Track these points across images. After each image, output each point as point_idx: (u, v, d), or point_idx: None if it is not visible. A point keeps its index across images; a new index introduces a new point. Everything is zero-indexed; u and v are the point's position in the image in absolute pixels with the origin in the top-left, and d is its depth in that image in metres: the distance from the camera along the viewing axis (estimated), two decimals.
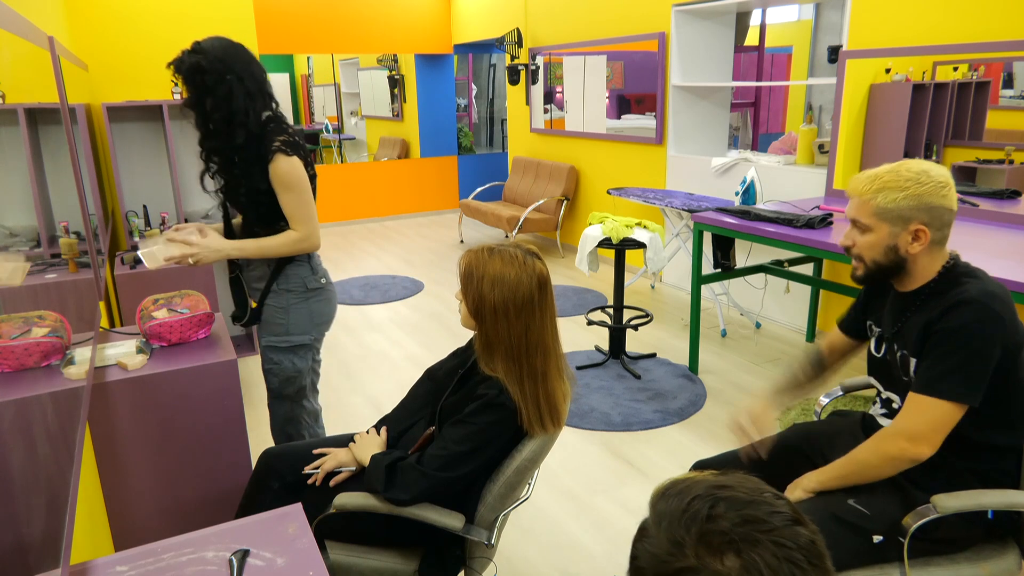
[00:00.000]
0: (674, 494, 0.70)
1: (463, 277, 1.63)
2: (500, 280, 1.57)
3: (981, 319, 1.42)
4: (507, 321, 1.58)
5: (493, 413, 1.59)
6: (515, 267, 1.58)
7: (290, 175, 2.10)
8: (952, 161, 3.58)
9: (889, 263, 1.54)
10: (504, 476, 1.62)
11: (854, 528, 1.52)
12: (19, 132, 1.54)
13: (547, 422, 1.63)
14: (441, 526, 1.59)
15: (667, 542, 0.66)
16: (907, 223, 1.48)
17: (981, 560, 1.53)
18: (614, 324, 3.92)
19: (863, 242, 1.55)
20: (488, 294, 1.58)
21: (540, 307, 1.60)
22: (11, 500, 0.97)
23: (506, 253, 1.61)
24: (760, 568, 0.62)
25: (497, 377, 1.61)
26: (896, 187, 1.48)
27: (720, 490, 0.68)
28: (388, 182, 8.44)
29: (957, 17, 3.35)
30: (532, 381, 1.60)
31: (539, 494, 2.77)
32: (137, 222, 4.22)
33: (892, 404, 1.66)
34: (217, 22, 4.58)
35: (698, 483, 0.70)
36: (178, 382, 2.07)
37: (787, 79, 7.12)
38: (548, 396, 1.63)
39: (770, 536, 0.64)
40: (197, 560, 1.27)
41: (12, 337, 1.23)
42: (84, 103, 3.53)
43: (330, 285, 2.33)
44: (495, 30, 7.36)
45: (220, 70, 2.02)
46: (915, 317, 1.55)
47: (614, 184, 5.96)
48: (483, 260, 1.60)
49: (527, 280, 1.58)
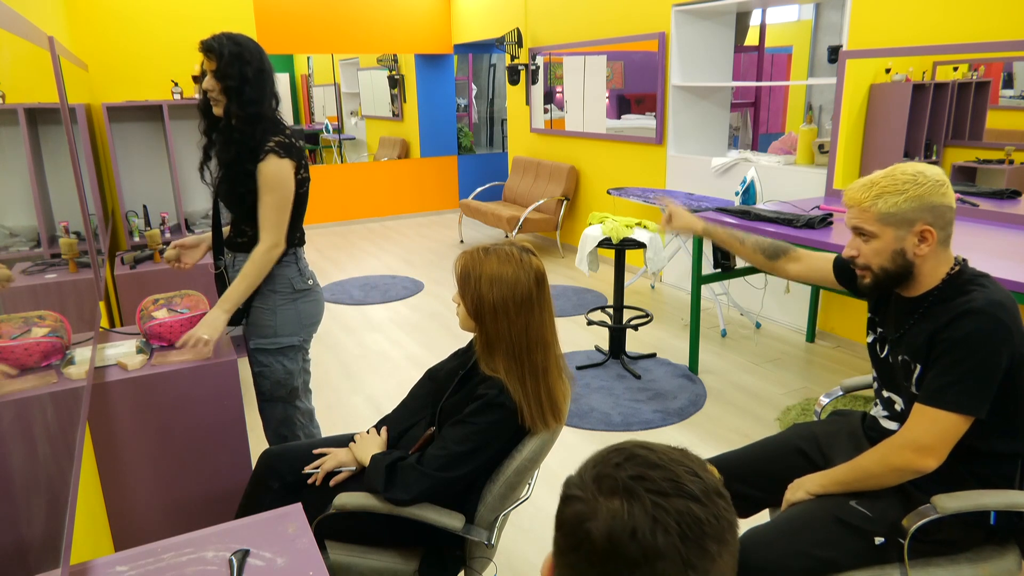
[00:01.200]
0: (611, 448, 0.76)
1: (460, 279, 1.63)
2: (498, 279, 1.57)
3: (988, 330, 1.41)
4: (507, 319, 1.58)
5: (493, 413, 1.59)
6: (512, 265, 1.58)
7: (276, 177, 2.10)
8: (952, 161, 3.58)
9: (897, 268, 1.52)
10: (504, 476, 1.62)
11: (856, 530, 1.52)
12: (19, 132, 1.53)
13: (549, 418, 1.63)
14: (441, 526, 1.59)
15: (576, 475, 0.74)
16: (912, 225, 1.47)
17: (981, 561, 1.53)
18: (614, 324, 3.92)
19: (869, 250, 1.53)
20: (487, 293, 1.58)
21: (539, 303, 1.61)
22: (11, 500, 0.97)
23: (502, 252, 1.61)
24: (627, 518, 0.67)
25: (498, 377, 1.61)
26: (895, 190, 1.47)
27: (642, 451, 0.74)
28: (388, 182, 8.44)
29: (957, 17, 3.35)
30: (534, 378, 1.60)
31: (539, 494, 2.77)
32: (137, 222, 4.22)
33: (894, 405, 1.66)
34: (217, 22, 4.57)
35: (636, 444, 0.76)
36: (178, 382, 2.07)
37: (787, 79, 7.12)
38: (549, 392, 1.63)
39: (653, 497, 0.68)
40: (197, 560, 1.27)
41: (12, 337, 1.23)
42: (84, 103, 3.53)
43: (317, 287, 2.33)
44: (495, 30, 7.36)
45: (260, 65, 2.09)
46: (920, 324, 1.53)
47: (614, 184, 5.96)
48: (479, 260, 1.60)
49: (525, 277, 1.58)
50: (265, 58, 2.13)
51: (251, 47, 2.10)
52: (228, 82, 2.05)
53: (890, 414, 1.67)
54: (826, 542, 1.50)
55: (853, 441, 1.73)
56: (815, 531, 1.51)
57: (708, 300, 4.78)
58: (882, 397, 1.70)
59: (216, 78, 2.06)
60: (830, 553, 1.50)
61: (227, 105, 2.08)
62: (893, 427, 1.64)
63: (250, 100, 2.07)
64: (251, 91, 2.07)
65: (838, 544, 1.51)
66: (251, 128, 2.08)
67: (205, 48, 2.06)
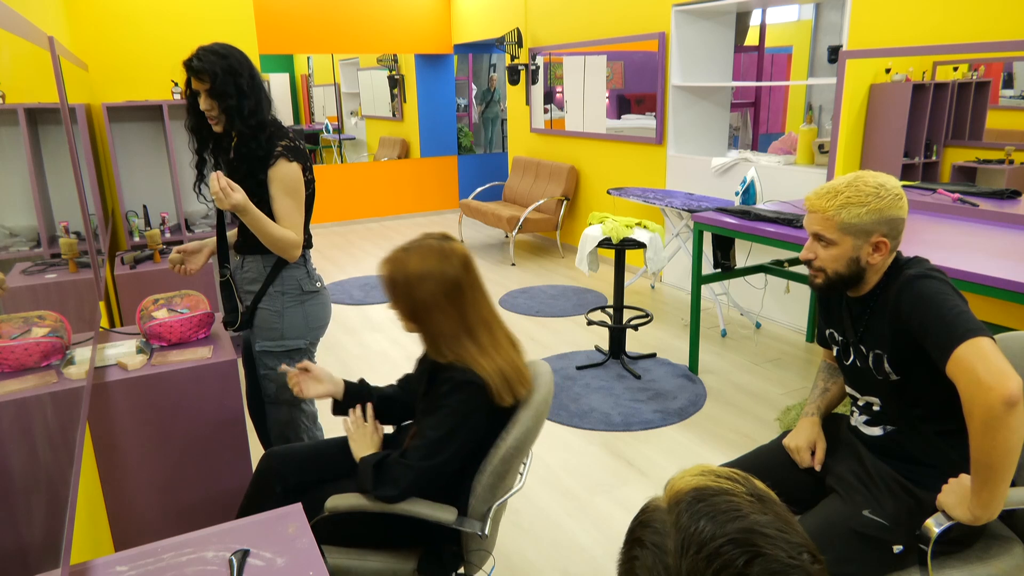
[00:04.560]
0: (708, 514, 0.65)
1: (387, 286, 1.63)
2: (426, 275, 1.59)
3: (933, 279, 1.50)
4: (443, 312, 1.60)
5: (463, 391, 1.59)
6: (435, 258, 1.60)
7: (290, 180, 2.10)
8: (952, 161, 3.58)
9: (850, 273, 1.60)
10: (491, 466, 1.62)
11: (873, 540, 1.51)
12: (19, 132, 1.54)
13: (518, 388, 1.64)
14: (434, 520, 1.60)
15: (685, 572, 0.63)
16: (869, 236, 1.55)
17: (990, 558, 1.53)
18: (614, 324, 3.92)
19: (827, 255, 1.60)
20: (417, 293, 1.59)
21: (471, 287, 1.63)
22: (11, 500, 0.97)
23: (423, 247, 1.62)
24: None
25: (458, 361, 1.62)
26: (858, 202, 1.54)
27: (760, 539, 0.63)
28: (388, 182, 8.44)
29: (957, 17, 3.35)
30: (487, 357, 1.62)
31: (539, 494, 2.77)
32: (137, 222, 4.23)
33: (872, 407, 1.66)
34: (217, 22, 4.58)
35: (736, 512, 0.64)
36: (178, 382, 2.07)
37: (787, 79, 7.12)
38: (510, 363, 1.64)
39: None
40: (197, 560, 1.27)
41: (12, 337, 1.23)
42: (84, 103, 3.53)
43: (324, 290, 2.32)
44: (495, 30, 7.36)
45: (250, 72, 2.05)
46: (875, 316, 1.59)
47: (614, 184, 5.96)
48: (402, 262, 1.61)
49: (451, 267, 1.60)
50: (252, 63, 2.10)
51: (237, 56, 2.06)
52: (227, 101, 2.02)
53: (869, 418, 1.68)
54: (846, 558, 1.50)
55: (849, 447, 1.73)
56: (834, 548, 1.50)
57: (708, 300, 4.78)
58: (859, 406, 1.72)
59: (212, 97, 2.02)
60: (850, 568, 1.49)
61: (228, 122, 2.05)
62: (875, 431, 1.66)
63: (251, 112, 2.05)
64: (250, 103, 2.04)
65: (858, 558, 1.51)
66: (258, 138, 2.07)
67: (194, 71, 2.01)
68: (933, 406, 1.55)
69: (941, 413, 1.53)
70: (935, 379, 1.46)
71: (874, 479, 1.61)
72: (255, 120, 2.06)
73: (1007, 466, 1.33)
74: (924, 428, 1.58)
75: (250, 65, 2.08)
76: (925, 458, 1.57)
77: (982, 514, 1.38)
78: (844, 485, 1.64)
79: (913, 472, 1.57)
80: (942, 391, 1.47)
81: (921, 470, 1.56)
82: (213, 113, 2.05)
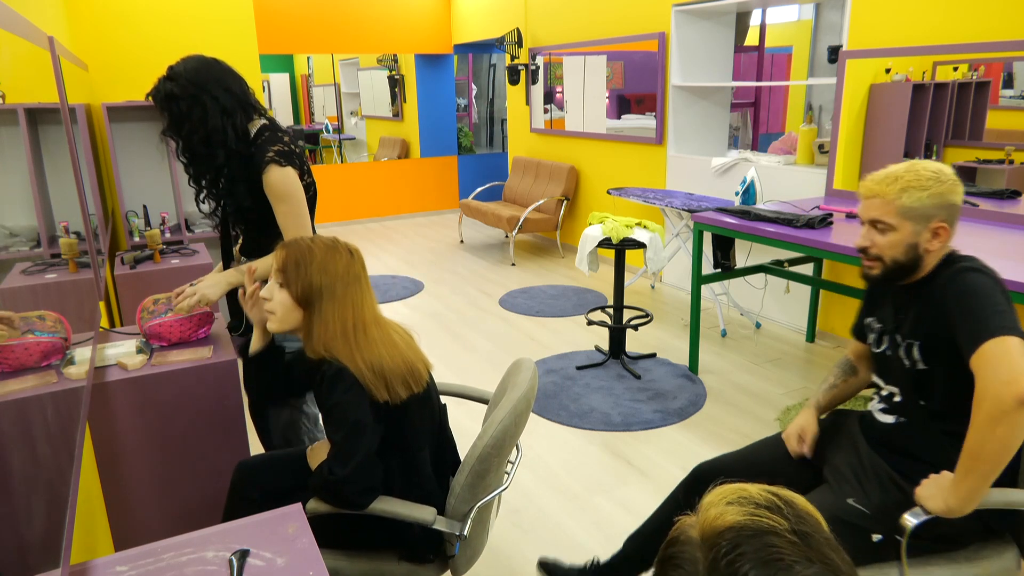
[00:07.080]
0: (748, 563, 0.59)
1: (288, 267, 1.65)
2: (330, 264, 1.65)
3: (986, 275, 1.49)
4: (334, 302, 1.63)
5: (340, 384, 1.58)
6: (341, 251, 1.68)
7: (283, 186, 2.07)
8: (952, 161, 3.58)
9: (908, 260, 1.57)
10: (469, 465, 1.61)
11: (854, 528, 1.52)
12: (19, 132, 1.54)
13: (398, 387, 1.63)
14: (412, 520, 1.59)
15: None
16: (929, 221, 1.54)
17: (980, 559, 1.53)
18: (614, 324, 3.92)
19: (884, 242, 1.58)
20: (317, 279, 1.63)
21: (365, 285, 1.70)
22: (11, 500, 0.97)
23: (326, 241, 1.69)
24: None
25: (325, 356, 1.62)
26: (919, 186, 1.53)
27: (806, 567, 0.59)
28: (388, 182, 8.44)
29: (957, 17, 3.35)
30: (359, 352, 1.62)
31: (539, 494, 2.77)
32: (137, 222, 4.23)
33: (893, 398, 1.67)
34: (217, 22, 4.58)
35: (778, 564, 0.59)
36: (178, 382, 2.06)
37: (787, 79, 7.12)
38: (394, 360, 1.64)
39: None
40: (197, 560, 1.27)
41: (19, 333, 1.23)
42: (84, 103, 3.53)
43: None
44: (495, 30, 7.36)
45: (193, 93, 1.97)
46: (919, 305, 1.58)
47: (614, 184, 5.96)
48: (307, 249, 1.66)
49: (353, 263, 1.69)
50: (207, 82, 1.97)
51: (186, 77, 1.96)
52: (169, 126, 1.99)
53: (887, 407, 1.68)
54: None
55: (852, 440, 1.74)
56: None
57: (708, 300, 4.79)
58: (881, 395, 1.71)
59: (171, 136, 2.01)
60: None
61: (177, 146, 2.03)
62: (889, 420, 1.66)
63: (192, 132, 1.98)
64: (190, 125, 1.97)
65: None
66: (211, 160, 2.03)
67: (149, 96, 2.00)
68: (946, 404, 1.55)
69: (952, 413, 1.53)
70: (956, 375, 1.47)
71: (866, 471, 1.62)
72: (197, 138, 1.99)
73: (996, 462, 1.34)
74: (932, 425, 1.58)
75: (198, 83, 1.96)
76: (924, 455, 1.57)
77: (956, 505, 1.38)
78: (836, 475, 1.66)
79: (908, 467, 1.58)
80: (960, 390, 1.47)
81: (916, 466, 1.56)
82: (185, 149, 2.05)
